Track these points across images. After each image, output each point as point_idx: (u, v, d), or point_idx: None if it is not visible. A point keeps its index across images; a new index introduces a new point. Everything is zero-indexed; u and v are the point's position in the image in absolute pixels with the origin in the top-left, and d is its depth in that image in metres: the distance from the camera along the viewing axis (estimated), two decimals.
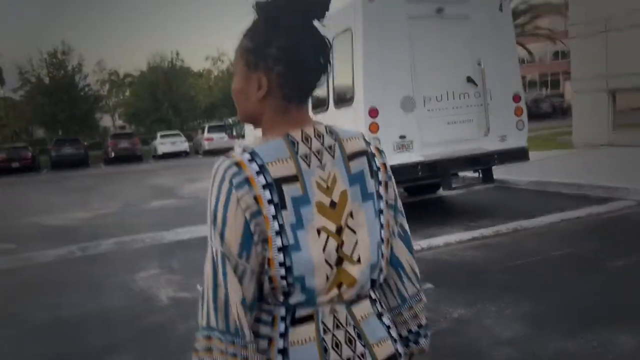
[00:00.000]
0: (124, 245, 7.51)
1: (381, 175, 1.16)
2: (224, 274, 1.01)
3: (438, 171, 6.78)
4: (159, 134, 31.53)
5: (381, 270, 1.13)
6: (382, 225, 1.13)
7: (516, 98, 7.31)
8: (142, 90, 37.63)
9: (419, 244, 5.76)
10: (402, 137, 6.69)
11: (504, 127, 7.22)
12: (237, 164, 1.03)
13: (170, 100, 36.97)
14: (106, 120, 50.03)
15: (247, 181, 1.01)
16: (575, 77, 12.75)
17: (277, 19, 1.05)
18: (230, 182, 1.01)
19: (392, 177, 1.20)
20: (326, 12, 1.07)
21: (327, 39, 1.09)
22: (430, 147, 6.84)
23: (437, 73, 6.87)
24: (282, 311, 1.06)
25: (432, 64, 6.84)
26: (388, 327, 1.15)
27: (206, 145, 29.67)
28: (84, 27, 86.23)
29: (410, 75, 6.75)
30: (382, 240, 1.13)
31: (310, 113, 1.19)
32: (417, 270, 1.24)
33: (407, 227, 1.23)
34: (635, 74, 11.05)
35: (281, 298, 1.05)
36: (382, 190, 1.15)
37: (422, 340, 1.25)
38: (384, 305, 1.18)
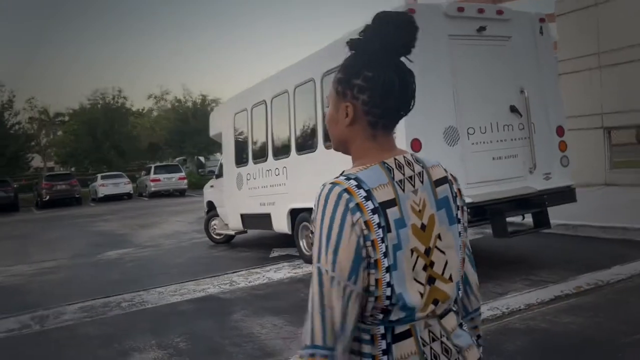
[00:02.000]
0: (95, 312, 5.89)
1: (458, 200, 1.25)
2: (332, 296, 1.06)
3: (488, 215, 5.75)
4: (99, 175, 29.13)
5: (460, 287, 1.23)
6: (460, 247, 1.22)
7: (559, 131, 6.49)
8: (81, 129, 35.01)
9: (495, 306, 4.64)
10: None
11: (548, 164, 6.35)
12: (348, 192, 1.10)
13: (112, 140, 34.58)
14: (36, 161, 46.45)
15: (358, 207, 1.09)
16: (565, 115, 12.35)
17: (367, 54, 1.16)
18: (347, 207, 1.08)
19: (465, 201, 1.29)
20: (412, 49, 1.16)
21: (412, 72, 1.18)
22: (475, 187, 5.82)
23: (480, 101, 5.95)
24: (381, 329, 1.12)
25: (474, 89, 5.93)
26: (471, 337, 1.24)
27: (152, 187, 27.68)
28: (14, 62, 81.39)
29: (453, 102, 5.79)
30: (459, 260, 1.22)
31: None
32: (478, 285, 1.38)
33: (470, 246, 1.33)
34: (633, 110, 10.72)
35: (380, 316, 1.12)
36: (459, 214, 1.24)
37: (479, 350, 1.31)
38: (461, 316, 1.30)
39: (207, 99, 38.66)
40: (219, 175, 10.72)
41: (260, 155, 8.65)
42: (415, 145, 5.50)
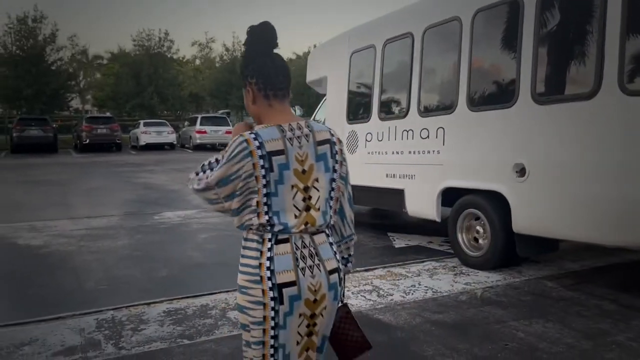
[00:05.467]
0: (192, 326, 3.84)
1: (338, 157, 1.83)
2: (207, 190, 1.75)
3: None
4: (142, 122, 27.24)
5: (330, 216, 1.81)
6: (333, 189, 1.81)
7: None
8: (124, 71, 32.97)
9: None
10: None
11: None
12: (246, 141, 1.68)
13: (155, 85, 32.53)
14: (74, 103, 45.03)
15: (250, 153, 1.67)
16: None
17: (249, 52, 1.83)
18: (238, 151, 1.68)
19: (346, 158, 1.89)
20: (277, 43, 1.83)
21: (281, 57, 1.85)
22: None
23: None
24: (269, 235, 1.70)
25: None
26: (334, 252, 1.80)
27: (197, 139, 25.79)
28: None
29: None
30: (331, 198, 1.80)
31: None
32: (353, 219, 1.96)
33: (351, 191, 1.93)
34: None
35: (268, 228, 1.69)
36: (337, 166, 1.83)
37: (349, 265, 2.00)
38: (333, 239, 1.85)
39: None
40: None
41: (395, 109, 6.43)
42: None
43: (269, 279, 1.67)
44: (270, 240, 1.68)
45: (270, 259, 1.68)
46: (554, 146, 4.39)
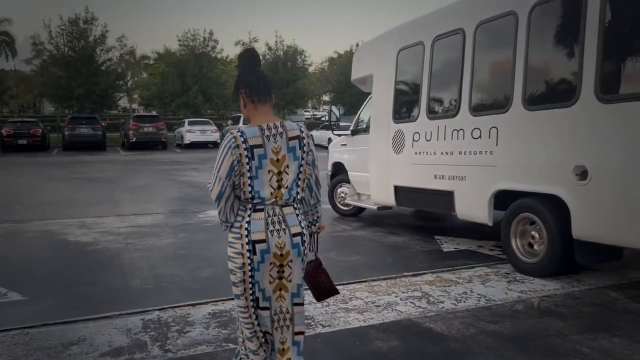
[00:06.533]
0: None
1: (305, 148, 2.42)
2: (219, 185, 2.34)
3: None
4: (186, 121, 27.73)
5: (297, 192, 2.41)
6: (300, 172, 2.41)
7: None
8: (170, 71, 33.65)
9: None
10: None
11: None
12: (234, 138, 2.31)
13: (200, 84, 33.06)
14: (121, 102, 46.26)
15: (237, 146, 2.30)
16: None
17: (240, 70, 2.49)
18: (230, 146, 2.30)
19: (313, 149, 2.48)
20: (260, 63, 2.53)
21: (265, 73, 2.53)
22: None
23: None
24: (250, 206, 2.35)
25: None
26: (299, 221, 2.41)
27: None
28: None
29: None
30: (298, 179, 2.41)
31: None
32: (319, 193, 2.58)
33: (317, 174, 2.55)
34: None
35: (250, 200, 2.34)
36: (305, 155, 2.42)
37: (317, 223, 2.63)
38: (300, 210, 2.45)
39: (298, 50, 36.36)
40: (357, 131, 8.41)
41: (445, 108, 6.21)
42: None
43: (246, 236, 2.34)
44: (250, 209, 2.35)
45: (248, 222, 2.34)
46: (619, 148, 4.11)
